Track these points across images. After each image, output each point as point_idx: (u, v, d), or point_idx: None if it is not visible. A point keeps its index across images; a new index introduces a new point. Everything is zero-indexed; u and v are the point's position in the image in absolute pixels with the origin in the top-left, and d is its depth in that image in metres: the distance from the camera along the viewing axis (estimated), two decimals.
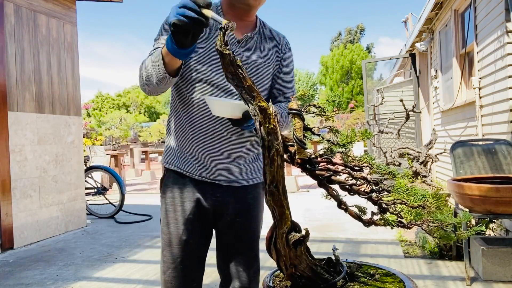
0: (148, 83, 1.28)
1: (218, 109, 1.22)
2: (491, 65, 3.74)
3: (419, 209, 1.03)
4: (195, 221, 1.43)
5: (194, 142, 1.41)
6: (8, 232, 4.11)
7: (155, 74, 1.23)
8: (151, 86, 1.28)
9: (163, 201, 1.48)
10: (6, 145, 4.12)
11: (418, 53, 7.13)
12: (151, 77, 1.25)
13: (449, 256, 3.28)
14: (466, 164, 3.30)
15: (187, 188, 1.44)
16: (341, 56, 32.26)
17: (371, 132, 1.06)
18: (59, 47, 4.88)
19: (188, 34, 1.06)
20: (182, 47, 1.09)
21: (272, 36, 1.52)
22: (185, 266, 1.42)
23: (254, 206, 1.50)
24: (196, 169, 1.43)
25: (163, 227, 1.46)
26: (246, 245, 1.49)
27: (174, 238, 1.42)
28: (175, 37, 1.07)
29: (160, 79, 1.23)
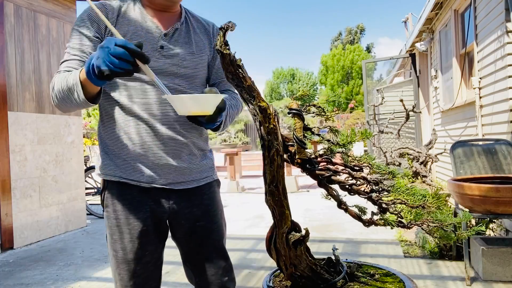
0: (64, 104, 1.19)
1: (184, 107, 1.05)
2: (491, 65, 3.74)
3: (419, 209, 1.03)
4: (151, 232, 1.33)
5: (135, 147, 1.29)
6: (8, 232, 4.11)
7: (73, 99, 1.14)
8: (67, 107, 1.20)
9: (109, 216, 1.33)
10: (6, 145, 4.12)
11: (418, 53, 7.13)
12: (68, 101, 1.16)
13: (449, 256, 3.28)
14: (466, 164, 3.30)
15: (136, 198, 1.32)
16: (342, 56, 32.27)
17: (371, 132, 1.06)
18: (59, 47, 4.88)
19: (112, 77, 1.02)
20: (103, 79, 1.03)
21: (201, 24, 1.45)
22: (145, 279, 1.33)
23: (212, 207, 1.43)
24: (142, 175, 1.30)
25: (113, 244, 1.31)
26: (212, 248, 1.42)
27: (129, 254, 1.30)
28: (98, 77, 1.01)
29: (80, 104, 1.15)
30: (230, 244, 4.07)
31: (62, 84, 1.16)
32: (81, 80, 1.10)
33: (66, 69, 1.24)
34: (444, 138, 5.60)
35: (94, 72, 1.01)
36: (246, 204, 6.49)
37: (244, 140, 11.91)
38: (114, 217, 1.32)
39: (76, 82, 1.11)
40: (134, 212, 1.31)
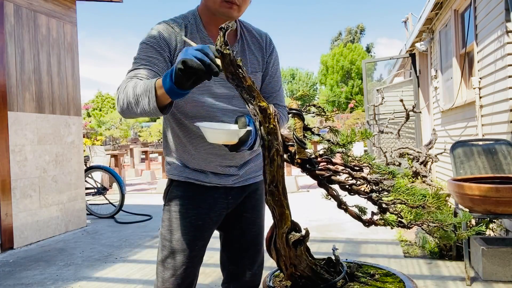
0: (129, 109, 1.19)
1: (213, 137, 1.18)
2: (491, 65, 3.74)
3: (419, 209, 1.03)
4: (205, 227, 1.43)
5: (200, 160, 1.41)
6: (8, 232, 4.11)
7: (142, 104, 1.13)
8: (131, 113, 1.20)
9: (169, 209, 1.43)
10: (6, 145, 4.12)
11: (418, 53, 7.13)
12: (136, 106, 1.16)
13: (449, 256, 3.28)
14: (466, 164, 3.30)
15: (198, 195, 1.43)
16: (341, 56, 32.25)
17: (371, 132, 1.06)
18: (59, 47, 4.88)
19: (192, 78, 1.00)
20: (180, 88, 1.02)
21: (255, 39, 1.48)
22: (187, 273, 1.41)
23: (261, 201, 1.54)
24: (206, 178, 1.43)
25: (166, 234, 1.42)
26: (251, 240, 1.51)
27: (179, 245, 1.40)
28: (178, 77, 1.00)
29: (147, 111, 1.14)
30: None
31: (135, 88, 1.15)
32: (156, 87, 1.09)
33: (137, 76, 1.24)
34: (444, 138, 5.60)
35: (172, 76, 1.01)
36: None
37: None
38: (174, 210, 1.41)
39: (151, 87, 1.10)
40: (193, 207, 1.41)
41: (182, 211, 1.41)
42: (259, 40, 1.49)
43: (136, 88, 1.15)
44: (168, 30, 1.33)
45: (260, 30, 1.52)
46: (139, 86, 1.14)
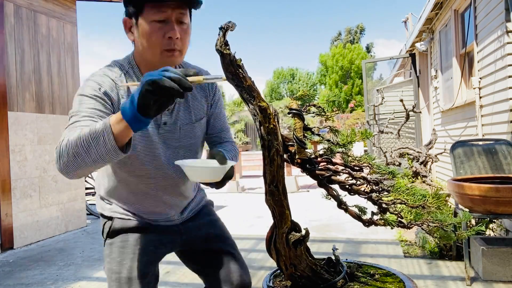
0: (77, 161, 1.00)
1: (196, 175, 1.12)
2: (491, 65, 3.74)
3: (419, 209, 1.03)
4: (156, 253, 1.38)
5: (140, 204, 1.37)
6: (8, 232, 4.11)
7: (95, 148, 0.97)
8: (80, 165, 1.01)
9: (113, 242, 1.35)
10: (6, 145, 4.12)
11: (418, 53, 7.13)
12: (87, 152, 0.98)
13: (449, 256, 3.28)
14: (466, 164, 3.30)
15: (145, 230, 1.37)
16: (341, 56, 32.25)
17: (371, 132, 1.06)
18: (59, 47, 4.88)
19: (161, 100, 0.90)
20: (145, 115, 0.91)
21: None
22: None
23: (215, 218, 1.55)
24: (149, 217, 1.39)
25: (115, 268, 1.30)
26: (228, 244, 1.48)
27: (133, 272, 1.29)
28: (144, 100, 0.89)
29: (103, 155, 0.97)
30: None
31: (81, 135, 0.99)
32: (112, 123, 0.96)
33: (80, 126, 1.08)
34: (444, 138, 5.60)
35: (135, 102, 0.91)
36: (246, 204, 6.48)
37: (244, 140, 11.91)
38: (121, 241, 1.34)
39: (105, 125, 0.96)
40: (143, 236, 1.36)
41: (131, 240, 1.34)
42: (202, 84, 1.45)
43: (83, 134, 0.99)
44: (108, 82, 1.22)
45: (201, 69, 1.44)
46: (87, 130, 0.99)
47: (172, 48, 1.20)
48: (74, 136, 1.00)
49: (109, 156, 0.98)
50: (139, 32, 1.21)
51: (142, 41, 1.21)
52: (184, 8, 1.19)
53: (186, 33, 1.22)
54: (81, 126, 1.06)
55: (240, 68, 0.97)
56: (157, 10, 1.16)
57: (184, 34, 1.22)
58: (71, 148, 1.00)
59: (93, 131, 0.97)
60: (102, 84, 1.20)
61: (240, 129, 12.96)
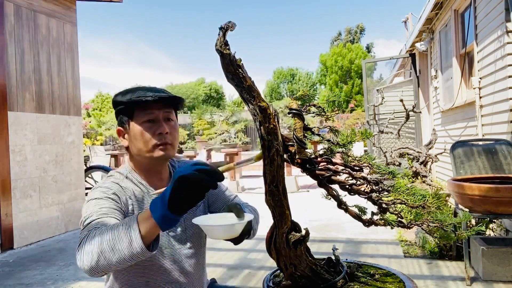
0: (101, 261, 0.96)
1: (215, 234, 1.11)
2: (491, 65, 3.74)
3: (419, 209, 1.03)
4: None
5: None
6: (8, 232, 4.11)
7: (120, 248, 0.94)
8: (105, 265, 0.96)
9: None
10: (6, 145, 4.12)
11: (418, 53, 7.13)
12: (111, 252, 0.94)
13: (449, 256, 3.28)
14: (466, 164, 3.30)
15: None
16: (340, 57, 32.24)
17: (371, 132, 1.06)
18: (59, 47, 4.88)
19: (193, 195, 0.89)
20: (176, 213, 0.90)
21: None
22: None
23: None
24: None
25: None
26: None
27: None
28: (176, 197, 0.88)
29: (129, 255, 0.94)
30: (230, 244, 4.07)
31: (104, 234, 0.97)
32: (139, 222, 0.94)
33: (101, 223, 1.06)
34: (444, 138, 5.60)
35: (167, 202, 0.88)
36: None
37: (244, 140, 11.91)
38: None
39: (131, 223, 0.94)
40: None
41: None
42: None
43: (107, 233, 0.96)
44: (115, 186, 1.25)
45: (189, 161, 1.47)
46: (110, 229, 0.97)
47: (164, 142, 1.28)
48: (97, 236, 0.98)
49: (133, 257, 0.95)
50: (132, 135, 1.29)
51: (135, 143, 1.29)
52: (169, 108, 1.31)
53: (174, 129, 1.32)
54: (99, 225, 1.04)
55: (240, 68, 0.97)
56: (145, 113, 1.27)
57: (172, 129, 1.31)
58: (95, 248, 0.96)
59: (118, 231, 0.95)
60: (110, 187, 1.24)
61: (240, 129, 12.97)
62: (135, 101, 1.26)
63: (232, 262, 3.43)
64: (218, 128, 14.02)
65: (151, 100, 1.24)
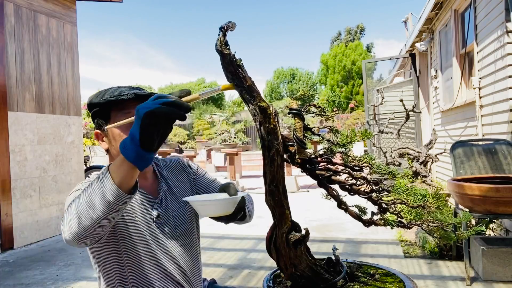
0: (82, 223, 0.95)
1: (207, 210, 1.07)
2: (491, 65, 3.74)
3: (419, 209, 1.03)
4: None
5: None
6: (8, 232, 4.11)
7: (98, 202, 0.92)
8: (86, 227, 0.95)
9: None
10: (6, 145, 4.12)
11: (418, 53, 7.13)
12: (91, 211, 0.93)
13: (449, 256, 3.28)
14: (466, 164, 3.30)
15: None
16: (343, 56, 32.24)
17: (371, 132, 1.06)
18: (59, 47, 4.88)
19: (163, 128, 0.86)
20: (148, 149, 0.87)
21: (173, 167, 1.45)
22: None
23: None
24: None
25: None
26: None
27: None
28: (146, 134, 0.85)
29: (108, 206, 0.92)
30: (230, 244, 4.07)
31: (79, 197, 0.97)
32: (111, 170, 0.93)
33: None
34: (444, 138, 5.60)
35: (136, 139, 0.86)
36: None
37: (244, 140, 11.92)
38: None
39: (103, 174, 0.93)
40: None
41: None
42: (176, 165, 1.46)
43: (82, 194, 0.96)
44: None
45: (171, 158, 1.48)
46: (84, 190, 0.96)
47: None
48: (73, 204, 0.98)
49: (113, 206, 0.93)
50: (111, 137, 1.26)
51: (115, 145, 1.25)
52: None
53: None
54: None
55: (240, 68, 0.97)
56: (123, 112, 1.22)
57: None
58: (74, 213, 0.96)
59: (91, 187, 0.94)
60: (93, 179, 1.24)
61: (240, 129, 12.98)
62: (110, 101, 1.22)
63: (232, 262, 3.43)
64: (218, 128, 14.02)
65: (126, 98, 1.20)
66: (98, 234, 0.99)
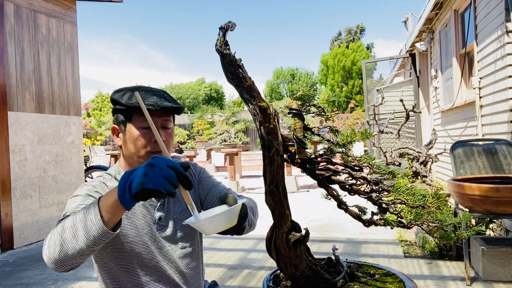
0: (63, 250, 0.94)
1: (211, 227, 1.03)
2: (491, 65, 3.74)
3: (419, 209, 1.03)
4: None
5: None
6: (8, 232, 4.11)
7: (83, 233, 0.92)
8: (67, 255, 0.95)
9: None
10: (6, 145, 4.12)
11: (418, 53, 7.13)
12: (76, 240, 0.93)
13: (449, 256, 3.28)
14: (466, 164, 3.30)
15: None
16: (343, 56, 32.23)
17: (371, 132, 1.06)
18: (59, 47, 4.88)
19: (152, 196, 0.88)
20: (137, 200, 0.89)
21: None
22: None
23: None
24: None
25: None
26: None
27: None
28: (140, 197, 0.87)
29: (94, 238, 0.92)
30: (230, 244, 4.07)
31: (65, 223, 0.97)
32: (101, 204, 0.94)
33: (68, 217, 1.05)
34: (444, 138, 5.60)
35: (130, 190, 0.87)
36: None
37: (244, 140, 11.92)
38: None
39: (93, 205, 0.94)
40: None
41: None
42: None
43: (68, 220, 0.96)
44: (102, 185, 1.27)
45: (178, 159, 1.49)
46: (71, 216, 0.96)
47: (158, 150, 1.27)
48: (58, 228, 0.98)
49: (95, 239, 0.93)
50: (127, 137, 1.29)
51: (130, 145, 1.28)
52: (168, 116, 1.31)
53: (170, 136, 1.33)
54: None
55: (240, 68, 0.97)
56: (144, 118, 1.23)
57: (169, 137, 1.32)
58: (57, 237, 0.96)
59: (79, 216, 0.95)
60: (96, 186, 1.25)
61: (240, 129, 12.98)
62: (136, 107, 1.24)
63: (232, 262, 3.42)
64: (218, 128, 14.02)
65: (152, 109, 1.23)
66: (76, 263, 0.99)
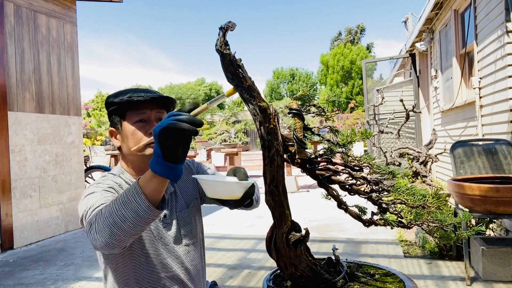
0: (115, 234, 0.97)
1: (215, 191, 1.04)
2: (491, 65, 3.74)
3: (419, 209, 1.03)
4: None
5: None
6: (8, 232, 4.11)
7: (130, 214, 0.95)
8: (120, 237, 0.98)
9: None
10: (6, 145, 4.12)
11: (418, 53, 7.13)
12: (123, 223, 0.96)
13: (449, 256, 3.28)
14: (466, 164, 3.29)
15: None
16: (342, 56, 32.23)
17: (371, 132, 1.06)
18: (59, 47, 4.88)
19: (180, 143, 0.89)
20: (175, 162, 0.90)
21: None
22: None
23: None
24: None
25: None
26: None
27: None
28: (166, 148, 0.88)
29: (141, 218, 0.96)
30: (230, 244, 4.07)
31: (108, 207, 0.99)
32: (142, 184, 0.96)
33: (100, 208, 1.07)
34: (444, 138, 5.60)
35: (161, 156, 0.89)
36: None
37: (244, 140, 11.92)
38: None
39: (133, 189, 0.96)
40: None
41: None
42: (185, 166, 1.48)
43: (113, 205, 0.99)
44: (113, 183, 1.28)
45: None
46: (115, 201, 0.99)
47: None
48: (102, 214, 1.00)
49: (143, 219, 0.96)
50: (124, 135, 1.32)
51: (127, 142, 1.31)
52: (161, 109, 1.34)
53: None
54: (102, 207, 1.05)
55: (240, 68, 0.97)
56: (138, 113, 1.29)
57: None
58: (106, 223, 0.98)
59: (121, 200, 0.97)
60: (105, 183, 1.27)
61: (240, 129, 12.98)
62: (128, 102, 1.28)
63: (232, 262, 3.42)
64: (218, 128, 14.01)
65: (143, 100, 1.27)
66: (128, 242, 1.03)
